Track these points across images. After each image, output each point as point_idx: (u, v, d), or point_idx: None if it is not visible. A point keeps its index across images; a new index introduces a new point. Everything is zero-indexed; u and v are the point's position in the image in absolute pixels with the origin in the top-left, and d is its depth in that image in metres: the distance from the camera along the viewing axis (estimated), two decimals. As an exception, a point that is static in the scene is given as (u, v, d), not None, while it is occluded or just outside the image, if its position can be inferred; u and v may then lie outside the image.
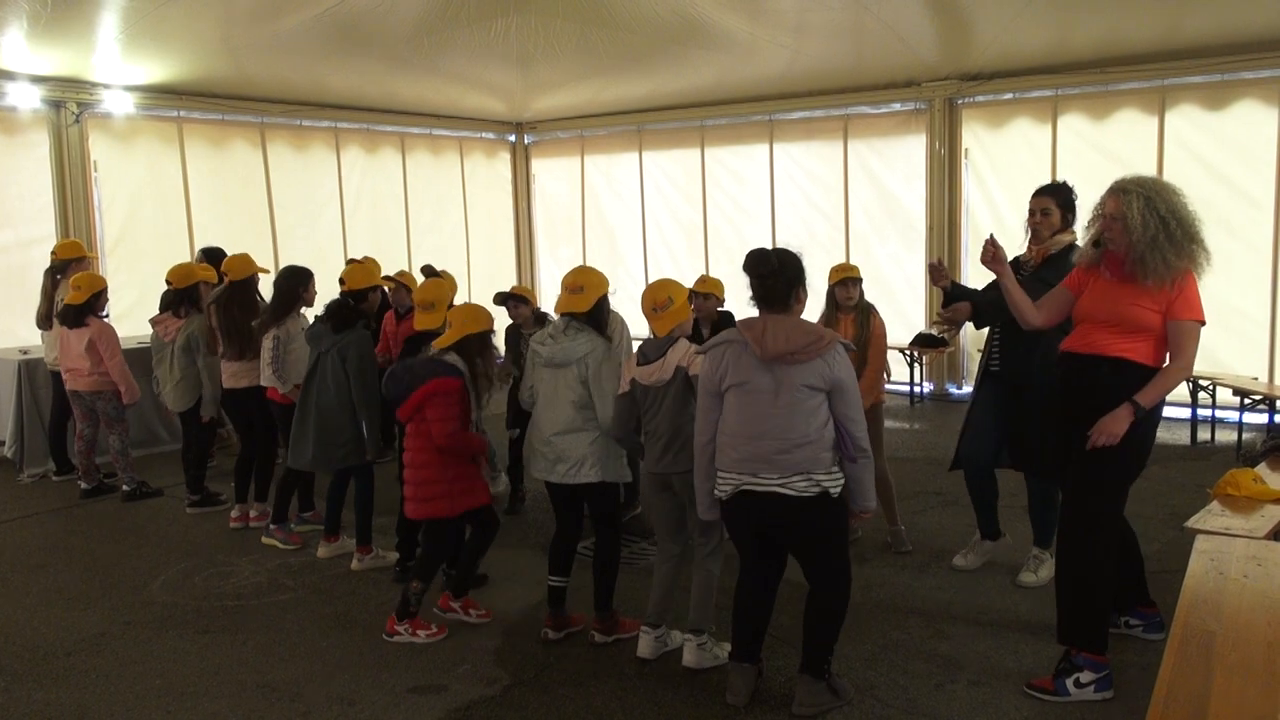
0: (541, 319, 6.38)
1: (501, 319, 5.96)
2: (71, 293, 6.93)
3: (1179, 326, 3.82)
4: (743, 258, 3.89)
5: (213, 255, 7.89)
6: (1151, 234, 3.74)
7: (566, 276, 4.60)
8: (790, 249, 3.87)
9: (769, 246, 3.95)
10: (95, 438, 7.23)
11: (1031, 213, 4.94)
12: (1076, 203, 4.92)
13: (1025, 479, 5.13)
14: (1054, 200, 4.89)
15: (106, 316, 7.12)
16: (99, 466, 7.38)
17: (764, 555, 3.94)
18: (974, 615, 4.78)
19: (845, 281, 5.64)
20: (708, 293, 6.00)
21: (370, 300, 5.79)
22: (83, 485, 7.30)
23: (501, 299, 6.56)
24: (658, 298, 4.32)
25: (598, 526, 4.60)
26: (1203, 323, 3.86)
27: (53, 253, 7.78)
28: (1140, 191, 3.79)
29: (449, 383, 4.53)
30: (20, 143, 9.02)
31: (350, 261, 7.76)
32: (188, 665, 4.47)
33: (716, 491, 3.86)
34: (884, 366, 5.85)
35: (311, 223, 11.18)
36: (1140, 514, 4.75)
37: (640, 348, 4.33)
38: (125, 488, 7.19)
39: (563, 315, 4.53)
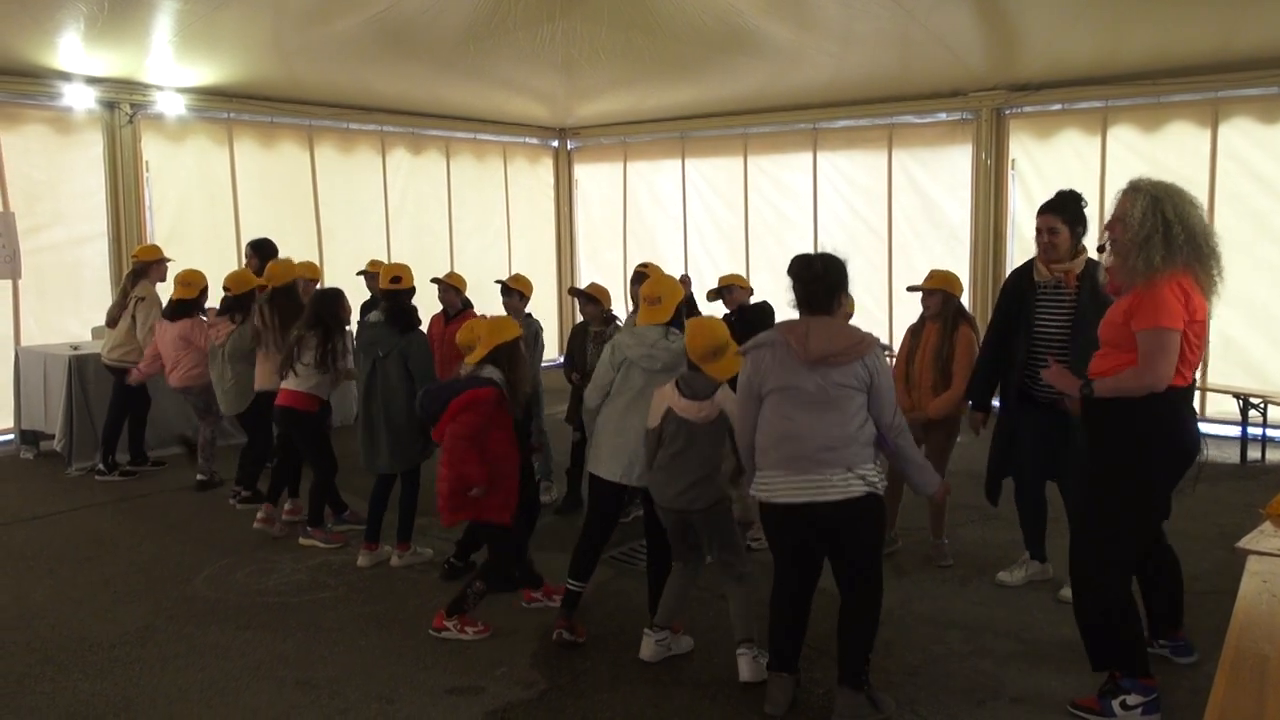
0: (609, 320, 6.43)
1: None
2: (180, 288, 7.12)
3: (1141, 337, 3.54)
4: (784, 266, 3.89)
5: (259, 247, 7.91)
6: (1146, 233, 3.57)
7: (643, 288, 4.60)
8: (835, 254, 3.87)
9: (813, 252, 3.94)
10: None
11: (1039, 232, 4.80)
12: (1086, 209, 4.81)
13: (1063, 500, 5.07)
14: (1060, 217, 4.74)
15: (205, 314, 7.23)
16: (149, 457, 7.55)
17: (800, 561, 3.92)
18: (1016, 632, 4.72)
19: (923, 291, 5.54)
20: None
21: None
22: (199, 477, 7.39)
23: (574, 293, 6.70)
24: (718, 340, 4.15)
25: (655, 531, 4.60)
26: (1175, 329, 3.52)
27: (134, 256, 7.93)
28: (1150, 191, 3.65)
29: (483, 392, 4.57)
30: (75, 142, 9.21)
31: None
32: (229, 660, 4.53)
33: (754, 490, 3.89)
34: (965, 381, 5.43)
35: (356, 224, 11.30)
36: (1188, 532, 4.65)
37: (684, 378, 4.24)
38: (200, 476, 7.36)
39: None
